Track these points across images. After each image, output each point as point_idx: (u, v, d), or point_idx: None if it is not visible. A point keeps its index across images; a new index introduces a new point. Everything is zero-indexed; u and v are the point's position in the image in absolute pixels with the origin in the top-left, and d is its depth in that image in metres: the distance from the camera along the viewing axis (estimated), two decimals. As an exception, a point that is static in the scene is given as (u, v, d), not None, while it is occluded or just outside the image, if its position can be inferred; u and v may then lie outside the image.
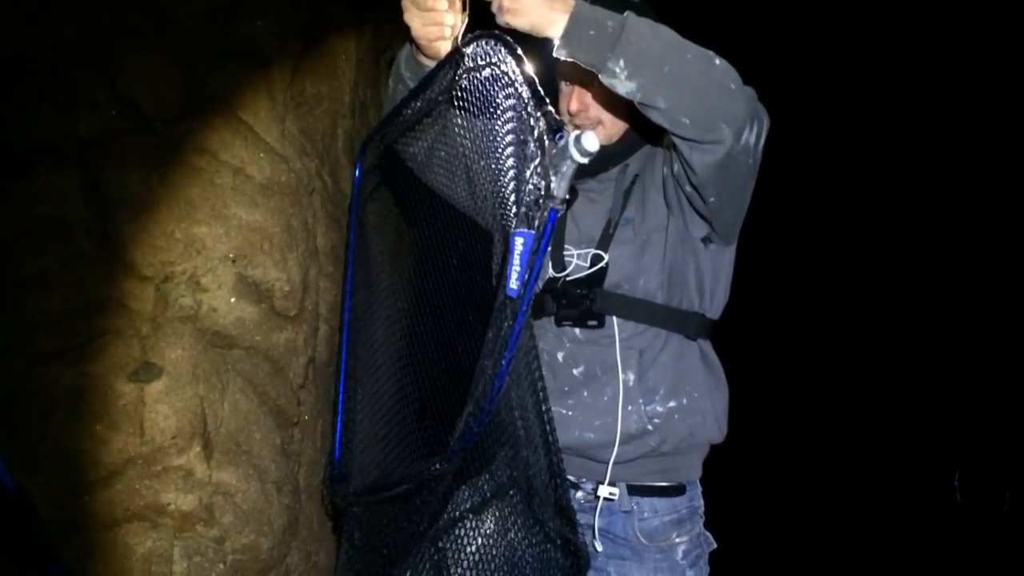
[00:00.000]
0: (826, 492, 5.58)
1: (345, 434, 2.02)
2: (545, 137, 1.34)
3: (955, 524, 2.87)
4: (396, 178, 2.00)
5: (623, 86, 1.61)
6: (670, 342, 1.92)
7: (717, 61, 1.66)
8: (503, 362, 1.34)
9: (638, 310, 1.90)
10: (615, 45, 1.56)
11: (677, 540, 1.93)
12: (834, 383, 6.34)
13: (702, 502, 2.04)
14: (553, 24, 1.55)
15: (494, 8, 1.58)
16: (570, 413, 1.90)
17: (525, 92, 1.41)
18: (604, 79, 1.61)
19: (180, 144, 2.13)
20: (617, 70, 1.58)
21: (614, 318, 1.90)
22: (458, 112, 1.67)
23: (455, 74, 1.60)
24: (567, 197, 1.35)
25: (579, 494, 1.95)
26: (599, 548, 1.92)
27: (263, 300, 2.27)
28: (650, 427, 1.86)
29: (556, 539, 1.51)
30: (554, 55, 1.60)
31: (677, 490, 1.95)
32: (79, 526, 1.89)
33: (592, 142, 1.31)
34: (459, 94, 1.62)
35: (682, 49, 1.62)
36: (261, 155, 2.28)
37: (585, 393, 1.89)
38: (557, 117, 1.38)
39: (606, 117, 1.93)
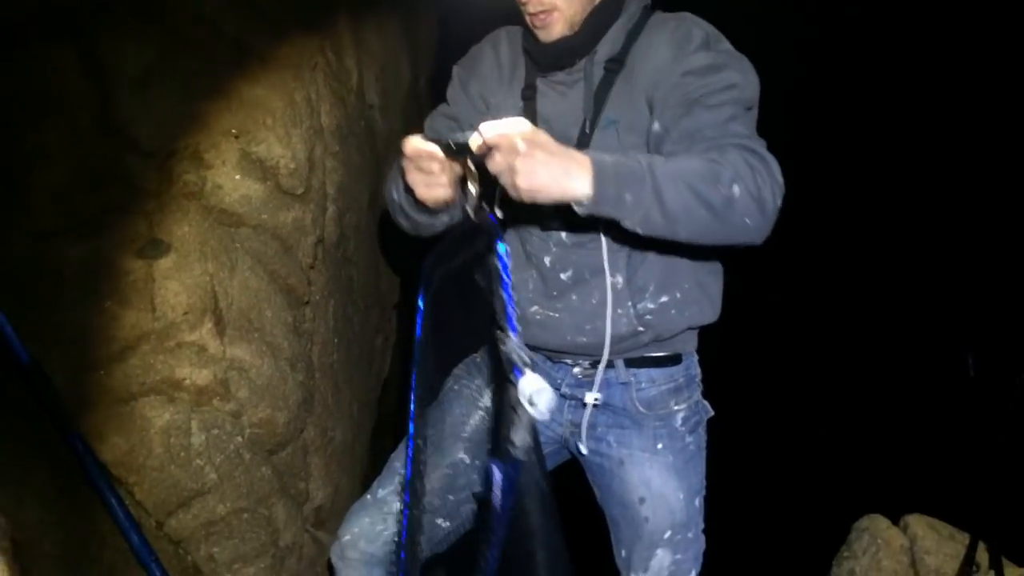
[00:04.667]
0: (835, 367, 5.64)
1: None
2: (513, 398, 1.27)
3: (967, 402, 2.88)
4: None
5: (640, 230, 1.58)
6: (650, 259, 1.87)
7: (735, 194, 1.56)
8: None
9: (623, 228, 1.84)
10: (634, 210, 1.53)
11: (675, 408, 1.93)
12: (844, 260, 6.33)
13: (699, 370, 2.03)
14: (573, 195, 1.48)
15: (514, 194, 1.46)
16: (559, 316, 1.87)
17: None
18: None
19: (176, 14, 2.06)
20: (633, 225, 1.55)
21: (599, 222, 1.85)
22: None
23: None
24: (526, 446, 1.29)
25: (576, 370, 1.94)
26: (584, 450, 1.93)
27: (268, 177, 2.23)
28: (641, 327, 1.83)
29: None
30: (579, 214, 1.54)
31: (673, 359, 1.95)
32: (96, 400, 1.91)
33: (545, 400, 1.26)
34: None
35: (700, 205, 1.55)
36: (260, 26, 2.20)
37: (574, 297, 1.86)
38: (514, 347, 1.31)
39: (562, 3, 1.76)
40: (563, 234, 1.86)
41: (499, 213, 1.60)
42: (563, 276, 1.87)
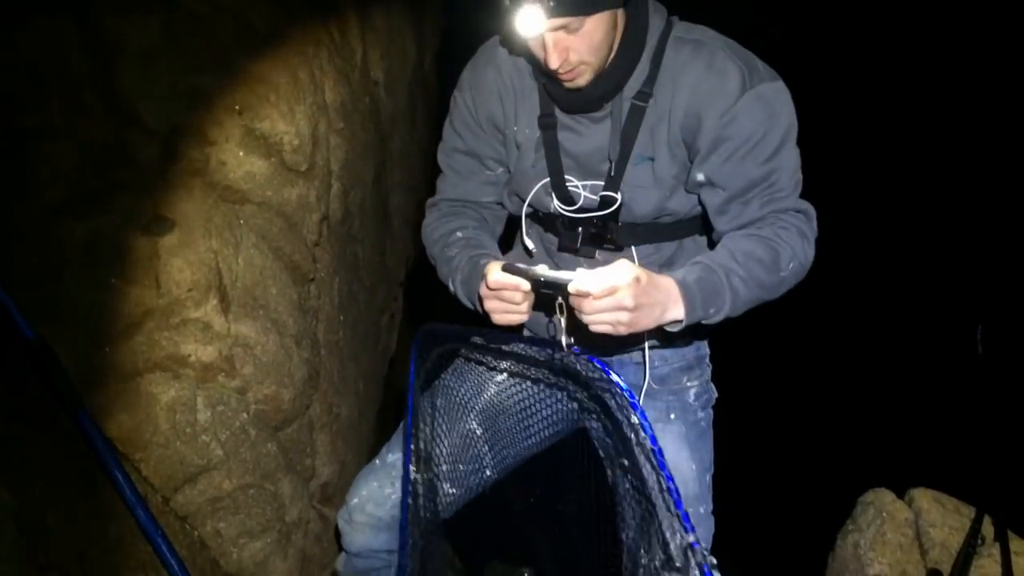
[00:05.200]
0: (843, 341, 5.63)
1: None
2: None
3: (976, 376, 2.87)
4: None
5: None
6: (685, 243, 1.87)
7: (790, 274, 1.69)
8: None
9: (655, 233, 1.85)
10: (715, 317, 1.62)
11: (688, 384, 1.95)
12: (852, 235, 6.31)
13: (708, 351, 2.04)
14: (669, 320, 1.57)
15: (603, 330, 1.49)
16: None
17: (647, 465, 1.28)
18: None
19: (178, -11, 2.05)
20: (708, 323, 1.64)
21: (632, 247, 1.85)
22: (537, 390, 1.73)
23: (552, 358, 1.56)
24: None
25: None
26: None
27: (272, 154, 2.23)
28: (669, 329, 1.83)
29: None
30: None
31: (684, 339, 1.95)
32: (102, 377, 1.92)
33: None
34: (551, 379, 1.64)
35: (764, 293, 1.67)
36: (263, 2, 2.19)
37: None
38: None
39: (590, 58, 1.67)
40: (597, 253, 1.86)
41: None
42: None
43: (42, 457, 1.76)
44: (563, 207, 1.82)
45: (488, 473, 1.87)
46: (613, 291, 1.45)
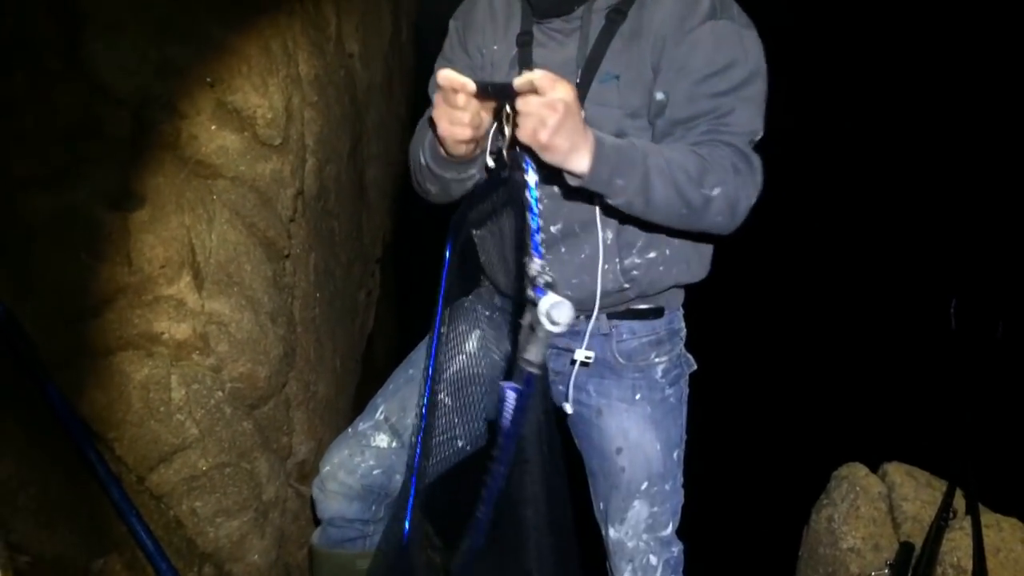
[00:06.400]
0: (816, 317, 5.68)
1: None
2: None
3: (949, 351, 2.90)
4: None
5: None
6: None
7: (714, 195, 1.64)
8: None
9: None
10: (620, 193, 1.59)
11: (656, 360, 1.93)
12: (828, 213, 6.36)
13: (683, 324, 2.03)
14: (572, 168, 1.53)
15: (526, 139, 1.48)
16: None
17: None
18: None
19: (147, -43, 1.99)
20: (615, 203, 1.63)
21: None
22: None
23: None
24: (542, 361, 1.38)
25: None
26: (568, 401, 1.94)
27: (245, 128, 2.18)
28: (627, 284, 1.83)
29: None
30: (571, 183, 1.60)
31: (655, 312, 1.94)
32: (73, 354, 1.88)
33: (563, 314, 1.32)
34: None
35: (680, 202, 1.63)
36: (234, -30, 2.14)
37: (563, 249, 1.85)
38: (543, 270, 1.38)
39: None
40: (555, 187, 1.84)
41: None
42: (553, 228, 1.85)
43: (10, 433, 1.72)
44: None
45: (460, 444, 1.87)
46: (554, 87, 1.46)
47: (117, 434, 1.91)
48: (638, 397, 1.92)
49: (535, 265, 1.39)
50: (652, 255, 1.84)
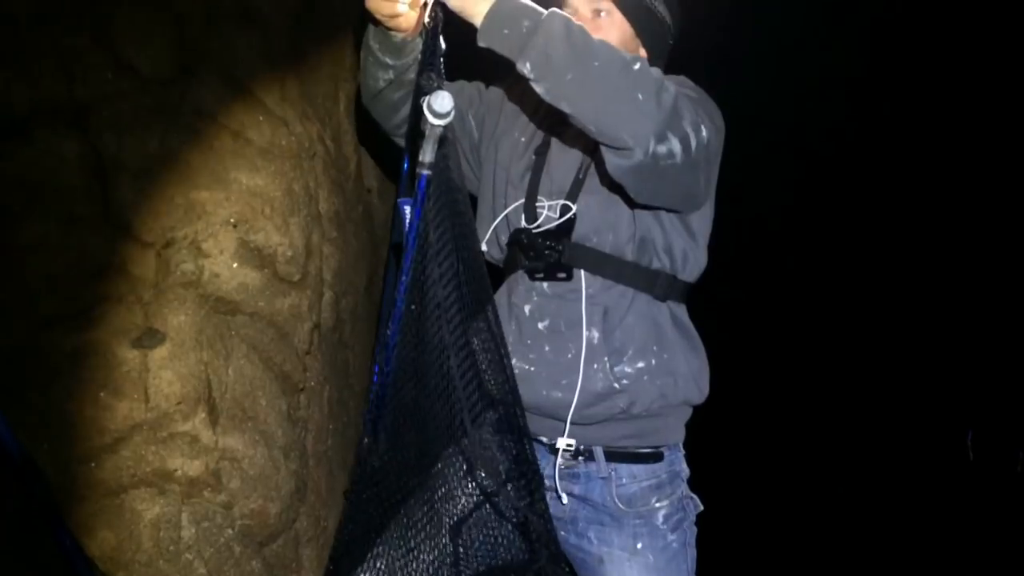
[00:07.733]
0: (832, 449, 5.56)
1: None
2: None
3: (968, 483, 2.85)
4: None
5: (535, 85, 1.66)
6: (637, 301, 1.87)
7: (635, 67, 1.65)
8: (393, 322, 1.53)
9: (606, 265, 1.85)
10: (523, 48, 1.60)
11: (657, 505, 1.90)
12: (839, 334, 6.28)
13: (684, 466, 1.99)
14: (477, 15, 1.62)
15: None
16: (533, 369, 1.86)
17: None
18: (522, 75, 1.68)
19: (178, 107, 2.10)
20: (526, 71, 1.63)
21: (582, 272, 1.86)
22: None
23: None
24: (434, 160, 1.42)
25: (558, 461, 1.92)
26: (564, 502, 1.90)
27: (266, 265, 2.24)
28: (617, 386, 1.82)
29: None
30: (478, 43, 1.66)
31: (655, 456, 1.92)
32: (86, 492, 1.88)
33: (442, 102, 1.37)
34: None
35: (590, 56, 1.62)
36: (260, 118, 2.24)
37: (547, 348, 1.87)
38: (432, 77, 1.47)
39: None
40: (545, 284, 1.88)
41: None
42: (540, 326, 1.89)
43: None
44: (525, 223, 1.97)
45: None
46: None
47: (126, 574, 1.88)
48: (639, 546, 1.88)
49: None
50: (640, 364, 1.85)
